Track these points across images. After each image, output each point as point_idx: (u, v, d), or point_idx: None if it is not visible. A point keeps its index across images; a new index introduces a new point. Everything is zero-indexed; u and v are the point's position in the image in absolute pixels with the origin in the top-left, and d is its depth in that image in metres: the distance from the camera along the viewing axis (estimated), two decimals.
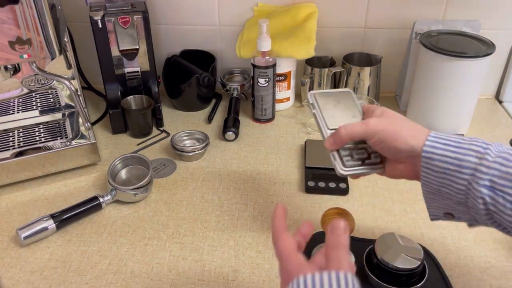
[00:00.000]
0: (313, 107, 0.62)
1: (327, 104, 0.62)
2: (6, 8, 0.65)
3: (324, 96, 0.63)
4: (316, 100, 0.62)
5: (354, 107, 0.62)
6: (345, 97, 0.63)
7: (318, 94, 0.64)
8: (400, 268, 0.58)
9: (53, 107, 0.94)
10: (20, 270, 0.65)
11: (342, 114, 0.61)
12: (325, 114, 0.61)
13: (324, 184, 0.79)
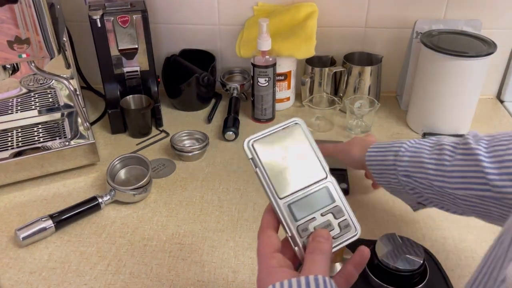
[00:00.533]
0: (254, 164, 0.44)
1: (272, 155, 0.44)
2: (5, 7, 0.64)
3: (266, 144, 0.45)
4: (255, 152, 0.44)
5: (307, 149, 0.45)
6: (293, 137, 0.45)
7: (258, 141, 0.45)
8: (401, 269, 0.58)
9: (52, 107, 0.93)
10: (19, 271, 0.65)
11: (294, 167, 0.44)
12: (271, 174, 0.44)
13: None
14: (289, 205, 0.43)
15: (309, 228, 0.43)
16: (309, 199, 0.44)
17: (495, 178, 0.51)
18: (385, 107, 1.05)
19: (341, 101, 0.99)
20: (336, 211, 0.44)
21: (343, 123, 0.99)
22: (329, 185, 0.45)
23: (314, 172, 0.45)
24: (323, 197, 0.44)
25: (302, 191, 0.44)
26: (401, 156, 0.61)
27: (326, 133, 0.96)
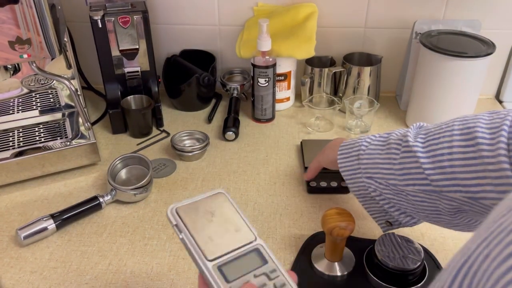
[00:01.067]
0: (179, 230, 0.43)
1: (198, 220, 0.44)
2: (6, 8, 0.65)
3: (191, 210, 0.44)
4: (180, 218, 0.43)
5: (233, 213, 0.45)
6: (218, 203, 0.45)
7: (182, 208, 0.44)
8: (400, 268, 0.58)
9: (53, 107, 0.94)
10: (20, 270, 0.65)
11: (222, 231, 0.43)
12: (198, 237, 0.42)
13: (326, 183, 0.79)
14: (219, 267, 0.41)
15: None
16: (240, 261, 0.42)
17: (431, 173, 0.53)
18: (384, 107, 1.05)
19: (340, 101, 0.99)
20: (270, 271, 0.42)
21: (342, 123, 0.99)
22: (259, 247, 0.43)
23: (243, 234, 0.44)
24: (255, 258, 0.42)
25: (231, 254, 0.42)
26: (361, 159, 0.62)
27: (326, 133, 0.97)
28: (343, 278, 0.63)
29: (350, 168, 0.63)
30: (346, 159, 0.64)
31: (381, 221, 0.65)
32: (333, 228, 0.57)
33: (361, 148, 0.62)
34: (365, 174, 0.61)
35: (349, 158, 0.63)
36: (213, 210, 0.45)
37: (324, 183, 0.78)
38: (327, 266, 0.63)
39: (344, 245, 0.62)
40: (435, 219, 0.57)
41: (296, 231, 0.72)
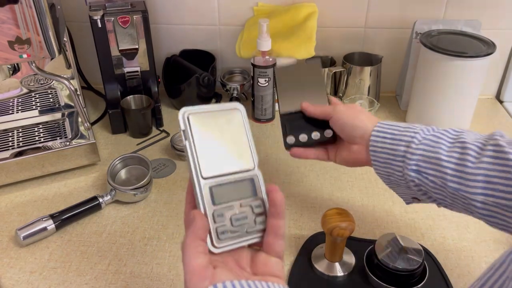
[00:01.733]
0: (184, 136, 0.42)
1: (205, 132, 0.42)
2: (6, 8, 0.64)
3: (202, 120, 0.42)
4: (189, 124, 0.42)
5: (241, 135, 0.43)
6: (231, 121, 0.44)
7: (194, 115, 0.42)
8: (400, 269, 0.58)
9: (52, 107, 0.94)
10: (20, 270, 0.65)
11: (225, 150, 0.42)
12: (200, 151, 0.41)
13: (306, 136, 0.65)
14: (210, 187, 0.41)
15: (224, 215, 0.41)
16: (232, 186, 0.42)
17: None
18: (384, 107, 1.05)
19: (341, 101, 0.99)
20: (256, 205, 0.42)
21: None
22: (255, 177, 0.43)
23: (244, 159, 0.43)
24: (246, 188, 0.42)
25: (226, 177, 0.42)
26: (414, 148, 0.54)
27: None
28: (343, 279, 0.63)
29: (388, 152, 0.55)
30: (386, 139, 0.56)
31: (407, 197, 0.60)
32: (333, 228, 0.57)
33: (416, 137, 0.54)
34: (411, 166, 0.53)
35: (392, 140, 0.55)
36: (223, 126, 0.43)
37: (304, 136, 0.65)
38: (327, 266, 0.63)
39: (344, 246, 0.62)
40: (490, 224, 0.51)
41: (296, 231, 0.71)
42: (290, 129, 0.65)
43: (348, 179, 0.82)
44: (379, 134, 0.57)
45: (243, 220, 0.41)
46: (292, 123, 0.66)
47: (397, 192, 0.61)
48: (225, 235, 0.41)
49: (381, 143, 0.57)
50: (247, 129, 0.44)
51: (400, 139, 0.55)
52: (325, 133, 0.64)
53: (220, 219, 0.41)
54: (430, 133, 0.55)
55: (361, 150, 0.60)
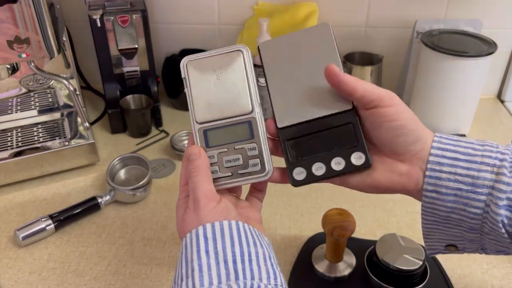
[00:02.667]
0: (184, 84, 0.44)
1: (201, 79, 0.43)
2: (5, 7, 0.64)
3: (201, 66, 0.43)
4: (187, 72, 0.44)
5: (240, 78, 0.42)
6: (231, 63, 0.43)
7: (193, 62, 0.44)
8: (401, 269, 0.58)
9: (51, 107, 0.93)
10: (19, 271, 0.65)
11: (221, 95, 0.42)
12: (196, 97, 0.43)
13: (324, 166, 0.43)
14: (204, 131, 0.43)
15: (215, 156, 0.43)
16: (228, 130, 0.43)
17: None
18: None
19: None
20: (250, 148, 0.42)
21: None
22: (252, 120, 0.43)
23: (241, 104, 0.43)
24: (242, 131, 0.43)
25: (222, 121, 0.43)
26: (508, 176, 0.39)
27: None
28: (344, 279, 0.62)
29: (463, 179, 0.40)
30: (459, 161, 0.40)
31: (439, 244, 0.46)
32: (334, 229, 0.57)
33: (506, 160, 0.39)
34: (502, 201, 0.38)
35: (468, 164, 0.40)
36: (221, 71, 0.43)
37: (319, 165, 0.43)
38: (328, 267, 0.63)
39: (345, 246, 0.62)
40: None
41: (297, 232, 0.71)
42: (297, 154, 0.43)
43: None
44: (444, 153, 0.40)
45: (234, 162, 0.42)
46: (298, 143, 0.43)
47: (432, 237, 0.45)
48: (215, 174, 0.43)
49: (449, 165, 0.40)
50: (249, 71, 0.43)
51: (482, 162, 0.40)
52: (354, 158, 0.42)
53: (211, 160, 0.43)
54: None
55: (413, 173, 0.42)
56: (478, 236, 0.42)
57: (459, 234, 0.43)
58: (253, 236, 0.39)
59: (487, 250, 0.44)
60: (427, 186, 0.41)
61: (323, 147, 0.43)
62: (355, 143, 0.42)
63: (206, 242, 0.37)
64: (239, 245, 0.38)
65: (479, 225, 0.40)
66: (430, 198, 0.41)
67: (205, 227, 0.38)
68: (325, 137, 0.43)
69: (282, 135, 0.44)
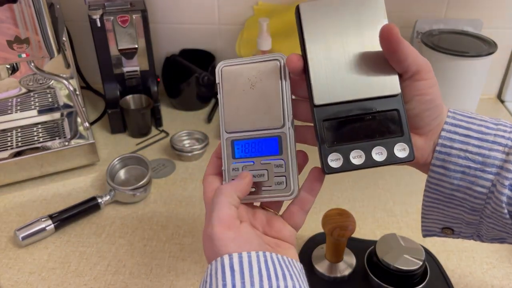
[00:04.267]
0: (218, 90, 0.42)
1: (235, 86, 0.41)
2: (4, 7, 0.64)
3: (236, 72, 0.41)
4: (221, 78, 0.42)
5: (275, 90, 0.40)
6: (266, 73, 0.41)
7: (228, 68, 0.42)
8: (401, 269, 0.58)
9: (51, 107, 0.93)
10: (19, 271, 0.65)
11: (253, 106, 0.41)
12: (227, 106, 0.41)
13: (364, 155, 0.39)
14: (232, 141, 0.42)
15: (240, 170, 0.41)
16: (256, 143, 0.41)
17: None
18: None
19: None
20: (277, 165, 0.41)
21: None
22: (283, 136, 0.41)
23: (272, 117, 0.41)
24: (271, 146, 0.41)
25: (251, 132, 0.41)
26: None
27: None
28: (344, 279, 0.62)
29: (473, 157, 0.39)
30: (470, 138, 0.40)
31: (435, 226, 0.46)
32: (334, 229, 0.57)
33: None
34: (508, 181, 0.38)
35: (480, 142, 0.39)
36: (256, 80, 0.41)
37: (358, 153, 0.39)
38: (328, 267, 0.63)
39: (345, 246, 0.62)
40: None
41: None
42: (333, 139, 0.39)
43: (349, 179, 0.82)
44: (457, 130, 0.40)
45: (260, 178, 0.41)
46: (336, 125, 0.39)
47: (429, 217, 0.45)
48: None
49: (460, 142, 0.40)
50: (284, 83, 0.41)
51: (495, 141, 0.39)
52: (397, 149, 0.39)
53: (235, 173, 0.41)
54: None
55: (426, 147, 0.41)
56: (477, 218, 0.41)
57: (458, 216, 0.43)
58: (281, 267, 0.36)
59: (482, 237, 0.43)
60: (435, 161, 0.40)
61: (363, 133, 0.39)
62: (400, 133, 0.38)
63: (232, 274, 0.35)
64: (268, 280, 0.35)
65: (482, 205, 0.40)
66: (437, 173, 0.40)
67: (231, 257, 0.35)
68: (367, 122, 0.39)
69: (318, 113, 0.39)
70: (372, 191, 0.79)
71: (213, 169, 0.44)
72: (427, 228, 0.47)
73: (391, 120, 0.39)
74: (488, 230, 0.42)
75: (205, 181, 0.43)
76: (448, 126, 0.40)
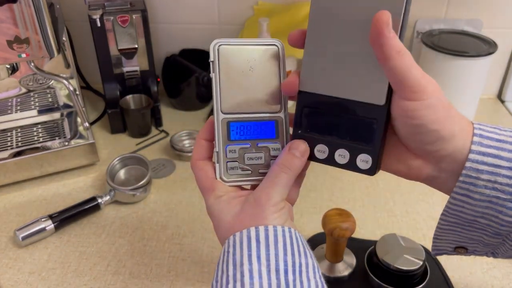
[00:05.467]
0: (212, 68, 0.41)
1: (233, 66, 0.40)
2: (4, 7, 0.64)
3: (233, 52, 0.41)
4: (218, 56, 0.41)
5: (273, 74, 0.41)
6: (265, 57, 0.41)
7: (226, 47, 0.41)
8: (401, 269, 0.58)
9: (51, 107, 0.93)
10: (19, 271, 0.65)
11: (251, 89, 0.40)
12: (224, 86, 0.40)
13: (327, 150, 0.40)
14: (228, 122, 0.41)
15: (237, 152, 0.41)
16: (252, 125, 0.41)
17: None
18: None
19: None
20: (274, 148, 0.41)
21: None
22: (279, 120, 0.41)
23: (270, 101, 0.41)
24: (267, 129, 0.41)
25: (248, 115, 0.41)
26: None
27: None
28: (344, 279, 0.62)
29: (503, 188, 0.36)
30: (500, 169, 0.36)
31: (448, 246, 0.43)
32: (334, 229, 0.57)
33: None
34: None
35: (509, 171, 0.36)
36: (255, 63, 0.41)
37: (322, 148, 0.40)
38: (328, 267, 0.63)
39: (345, 246, 0.62)
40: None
41: None
42: (306, 127, 0.40)
43: (349, 179, 0.82)
44: (484, 159, 0.36)
45: (256, 160, 0.41)
46: (313, 114, 0.39)
47: (443, 238, 0.43)
48: (234, 171, 0.41)
49: (488, 173, 0.36)
50: (282, 69, 0.41)
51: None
52: (360, 159, 0.38)
53: (232, 155, 0.41)
54: None
55: (424, 169, 0.38)
56: (499, 241, 0.39)
57: (478, 238, 0.40)
58: (303, 244, 0.37)
59: (497, 255, 0.41)
60: (458, 190, 0.37)
61: (335, 131, 0.38)
62: (369, 144, 0.37)
63: (258, 246, 0.35)
64: (291, 255, 0.35)
65: (509, 231, 0.37)
66: (459, 201, 0.37)
67: (257, 230, 0.36)
68: (342, 122, 0.38)
69: (300, 99, 0.39)
70: (372, 191, 0.79)
71: (202, 153, 0.42)
72: (438, 247, 0.44)
73: (366, 129, 0.37)
74: (507, 250, 0.40)
75: (195, 167, 0.42)
76: (475, 155, 0.36)
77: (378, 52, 0.34)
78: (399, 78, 0.34)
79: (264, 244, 0.35)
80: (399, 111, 0.36)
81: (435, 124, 0.35)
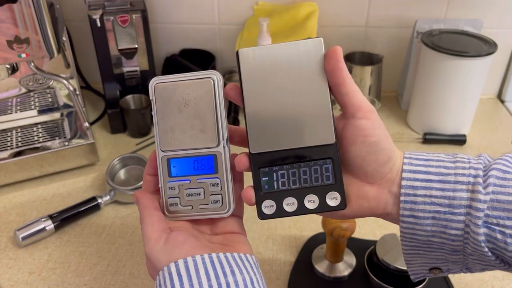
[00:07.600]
0: (151, 107, 0.41)
1: (168, 104, 0.40)
2: (4, 7, 0.64)
3: (168, 91, 0.40)
4: (155, 95, 0.41)
5: (209, 109, 0.40)
6: (200, 92, 0.40)
7: (161, 86, 0.41)
8: (401, 269, 0.58)
9: (51, 107, 0.93)
10: (18, 271, 0.65)
11: (187, 125, 0.40)
12: (161, 124, 0.41)
13: (296, 202, 0.40)
14: (168, 159, 0.42)
15: (176, 188, 0.42)
16: (191, 161, 0.42)
17: None
18: (385, 107, 1.05)
19: None
20: (213, 183, 0.41)
21: None
22: (218, 154, 0.41)
23: (206, 136, 0.41)
24: (207, 164, 0.41)
25: (187, 151, 0.41)
26: (482, 193, 0.37)
27: None
28: (344, 279, 0.62)
29: (439, 201, 0.38)
30: (432, 182, 0.38)
31: (423, 268, 0.44)
32: (334, 229, 0.57)
33: (479, 176, 0.38)
34: (480, 220, 0.37)
35: (442, 184, 0.38)
36: (189, 98, 0.40)
37: (291, 201, 0.40)
38: (328, 267, 0.63)
39: (345, 246, 0.62)
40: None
41: (297, 232, 0.71)
42: (268, 186, 0.40)
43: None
44: (416, 176, 0.38)
45: (196, 196, 0.41)
46: (271, 173, 0.40)
47: (414, 262, 0.44)
48: (175, 207, 0.42)
49: (423, 188, 0.38)
50: (218, 101, 0.40)
51: (457, 181, 0.38)
52: (329, 198, 0.40)
53: (172, 192, 0.42)
54: (493, 163, 0.39)
55: (381, 196, 0.40)
56: (461, 257, 0.40)
57: (442, 257, 0.41)
58: (229, 263, 0.37)
59: (471, 269, 0.42)
60: (403, 212, 0.39)
61: (297, 181, 0.40)
62: (333, 181, 0.39)
63: (180, 279, 0.35)
64: (216, 278, 0.35)
65: (461, 246, 0.39)
66: (408, 223, 0.39)
67: (177, 264, 0.36)
68: (301, 170, 0.40)
69: (254, 161, 0.40)
70: None
71: (148, 188, 0.43)
72: (414, 271, 0.45)
73: (325, 169, 0.39)
74: (475, 265, 0.41)
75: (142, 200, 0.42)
76: (407, 173, 0.39)
77: (336, 79, 0.38)
78: (356, 100, 0.38)
79: (186, 275, 0.36)
80: (356, 133, 0.38)
81: (386, 141, 0.39)
